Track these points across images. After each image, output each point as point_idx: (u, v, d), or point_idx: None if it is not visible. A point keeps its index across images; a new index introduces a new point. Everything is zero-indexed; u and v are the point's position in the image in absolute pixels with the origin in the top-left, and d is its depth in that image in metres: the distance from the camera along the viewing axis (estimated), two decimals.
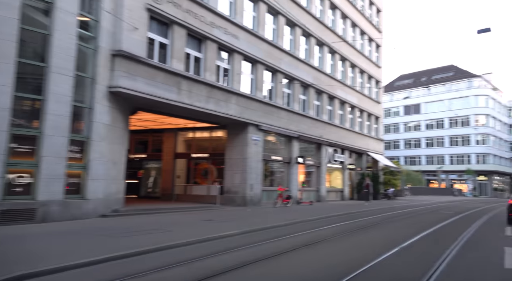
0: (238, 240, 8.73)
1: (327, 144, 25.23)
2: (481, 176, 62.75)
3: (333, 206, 20.04)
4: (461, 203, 31.43)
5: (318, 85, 24.04)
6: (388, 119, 73.63)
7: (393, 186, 32.92)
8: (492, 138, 63.14)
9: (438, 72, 70.35)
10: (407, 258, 7.38)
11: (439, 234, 10.78)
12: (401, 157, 70.83)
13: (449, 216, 16.88)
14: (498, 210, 22.20)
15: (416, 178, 55.33)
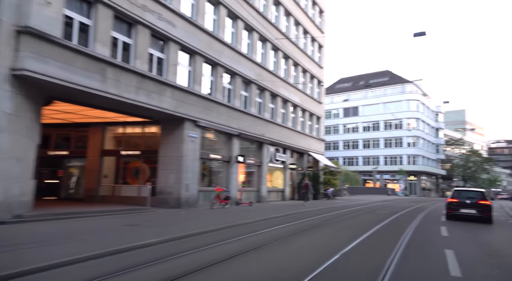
0: (162, 250, 7.48)
1: (268, 143, 24.56)
2: (412, 176, 66.60)
3: (273, 207, 19.32)
4: (395, 202, 32.53)
5: (260, 81, 23.27)
6: (329, 121, 75.63)
7: (333, 186, 33.26)
8: (422, 140, 67.28)
9: (375, 77, 73.61)
10: (350, 266, 6.63)
11: (379, 237, 10.34)
12: (340, 158, 73.03)
13: (386, 216, 16.87)
14: (429, 210, 22.96)
15: (353, 178, 57.17)
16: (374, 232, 10.90)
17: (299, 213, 16.53)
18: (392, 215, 17.36)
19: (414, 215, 17.95)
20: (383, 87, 70.12)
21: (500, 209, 25.30)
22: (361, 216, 17.18)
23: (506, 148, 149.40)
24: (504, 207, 26.83)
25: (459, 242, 9.68)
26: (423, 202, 33.60)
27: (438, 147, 74.81)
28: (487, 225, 14.67)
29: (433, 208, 24.30)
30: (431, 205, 28.24)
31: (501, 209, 25.79)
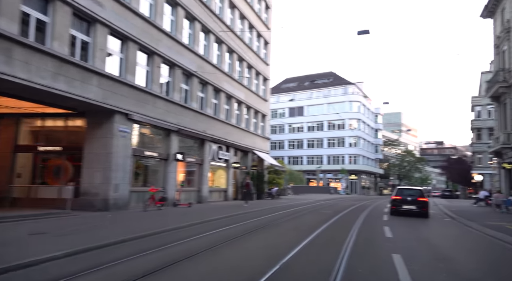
0: (61, 267, 5.98)
1: (211, 140, 23.26)
2: (353, 175, 68.65)
3: (214, 208, 18.08)
4: (337, 201, 32.74)
5: (202, 75, 21.91)
6: (275, 120, 75.68)
7: (277, 185, 32.72)
8: (362, 141, 69.61)
9: (319, 78, 74.95)
10: (294, 277, 5.64)
11: (324, 239, 9.55)
12: (285, 157, 73.40)
13: (329, 216, 16.37)
14: (370, 208, 23.05)
15: (298, 177, 57.51)
16: (318, 235, 10.10)
17: (240, 215, 15.47)
18: (336, 215, 16.91)
19: (357, 214, 17.67)
20: (327, 88, 71.57)
21: (435, 207, 26.21)
22: (304, 216, 16.53)
23: (436, 149, 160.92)
24: (438, 205, 27.90)
25: (404, 245, 9.15)
26: (364, 201, 34.22)
27: (377, 147, 77.94)
28: (426, 224, 14.67)
29: (374, 207, 24.52)
30: (371, 204, 28.68)
31: (435, 206, 26.74)
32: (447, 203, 32.32)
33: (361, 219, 15.11)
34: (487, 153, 52.81)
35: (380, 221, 14.58)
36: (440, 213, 20.96)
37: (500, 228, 12.54)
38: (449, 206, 26.54)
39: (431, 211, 21.89)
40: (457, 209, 22.48)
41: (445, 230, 13.12)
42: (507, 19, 23.54)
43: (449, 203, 32.48)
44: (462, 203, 31.93)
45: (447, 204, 30.02)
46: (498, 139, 24.79)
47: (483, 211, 21.21)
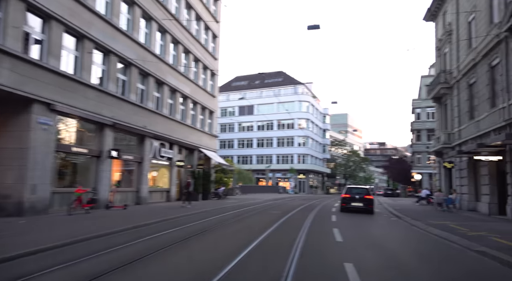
0: None
1: (152, 137, 21.46)
2: (301, 175, 69.19)
3: (152, 210, 16.43)
4: (286, 200, 32.19)
5: (143, 65, 20.09)
6: (224, 119, 74.37)
7: (225, 184, 31.46)
8: (311, 140, 70.41)
9: (270, 77, 74.73)
10: None
11: (269, 247, 8.47)
12: (235, 156, 72.34)
13: (277, 216, 15.45)
14: (318, 208, 22.58)
15: (247, 176, 56.63)
16: (264, 239, 9.03)
17: (180, 218, 14.03)
18: (284, 215, 16.04)
19: (305, 214, 16.95)
20: (277, 87, 71.55)
21: (380, 206, 26.46)
22: (251, 217, 15.47)
23: (378, 149, 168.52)
24: (383, 204, 28.24)
25: (355, 251, 8.34)
26: (312, 200, 34.03)
27: (324, 147, 79.36)
28: (375, 224, 14.26)
29: (322, 206, 24.12)
30: (319, 203, 28.41)
31: (380, 205, 27.00)
32: (391, 201, 33.02)
33: (310, 220, 14.33)
34: (426, 153, 55.49)
35: (329, 223, 13.89)
36: (386, 212, 20.92)
37: (444, 227, 12.31)
38: (393, 204, 26.90)
39: (378, 210, 21.96)
40: (402, 208, 22.67)
41: (393, 231, 12.67)
42: (449, 22, 24.21)
43: (392, 201, 33.20)
44: (405, 202, 32.77)
45: (391, 202, 30.58)
46: (439, 139, 25.48)
47: (425, 210, 21.51)
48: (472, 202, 20.65)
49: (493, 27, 17.09)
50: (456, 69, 22.87)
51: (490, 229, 11.84)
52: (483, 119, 18.57)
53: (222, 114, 75.12)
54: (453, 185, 23.42)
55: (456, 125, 22.69)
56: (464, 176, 21.32)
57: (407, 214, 18.31)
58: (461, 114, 22.00)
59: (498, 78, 17.09)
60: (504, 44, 16.06)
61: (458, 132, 22.38)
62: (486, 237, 10.16)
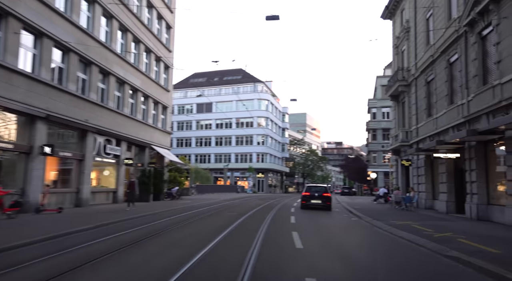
0: None
1: (95, 132, 19.36)
2: (260, 174, 68.38)
3: (90, 214, 14.50)
4: (244, 200, 30.97)
5: (84, 52, 17.99)
6: (182, 117, 71.99)
7: (179, 184, 29.66)
8: (270, 139, 69.78)
9: (229, 74, 73.28)
10: None
11: (216, 259, 7.12)
12: (193, 155, 70.22)
13: (232, 219, 14.13)
14: (277, 208, 21.56)
15: (204, 176, 54.81)
16: (213, 248, 7.67)
17: (119, 222, 12.32)
18: (239, 218, 14.75)
19: (262, 216, 15.77)
20: (237, 85, 70.25)
21: (339, 205, 25.96)
22: (203, 220, 14.04)
23: (335, 148, 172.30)
24: (341, 202, 27.82)
25: (318, 261, 7.22)
26: (270, 199, 33.08)
27: (283, 146, 79.11)
28: (336, 226, 13.37)
29: (280, 206, 23.13)
30: (278, 203, 27.46)
31: (339, 204, 26.51)
32: (348, 200, 32.78)
33: (267, 223, 13.14)
34: (382, 152, 56.58)
35: (287, 225, 12.78)
36: (345, 211, 20.26)
37: (408, 228, 11.61)
38: (352, 203, 26.48)
39: (337, 209, 21.33)
40: (361, 207, 22.17)
41: (357, 234, 11.76)
42: (407, 19, 24.08)
43: (350, 200, 32.99)
44: (363, 200, 32.65)
45: (349, 201, 30.27)
46: (397, 137, 25.36)
47: (384, 208, 21.13)
48: (429, 200, 20.49)
49: (452, 22, 16.83)
50: (414, 66, 22.73)
51: (454, 230, 11.25)
52: (441, 116, 18.35)
53: (179, 111, 72.69)
54: (411, 183, 23.30)
55: (414, 123, 22.54)
56: (421, 174, 21.16)
57: (367, 213, 17.69)
58: (419, 112, 21.84)
59: (456, 74, 16.86)
60: (463, 39, 15.78)
61: (416, 130, 22.23)
62: (453, 239, 9.46)
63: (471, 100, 14.95)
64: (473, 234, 10.32)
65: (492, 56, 13.65)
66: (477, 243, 8.75)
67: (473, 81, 14.93)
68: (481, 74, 14.50)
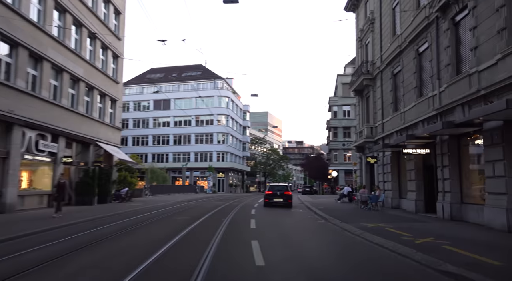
0: None
1: (24, 125, 16.52)
2: (220, 173, 66.23)
3: (8, 222, 11.86)
4: (201, 201, 28.85)
5: (8, 30, 15.16)
6: (138, 113, 68.36)
7: (129, 185, 26.97)
8: (231, 137, 67.81)
9: (188, 70, 70.47)
10: None
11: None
12: (149, 154, 66.82)
13: (183, 225, 12.09)
14: (236, 210, 19.72)
15: (161, 175, 51.83)
16: (149, 269, 5.66)
17: (42, 233, 9.92)
18: (191, 223, 12.74)
19: (219, 221, 13.87)
20: (196, 81, 67.59)
21: (302, 205, 24.59)
22: (146, 227, 11.88)
23: (296, 148, 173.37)
24: (304, 202, 26.47)
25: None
26: (230, 200, 31.19)
27: (244, 145, 77.43)
28: (302, 231, 11.76)
29: (240, 208, 21.31)
30: (238, 203, 25.64)
31: (302, 204, 25.15)
32: (311, 199, 31.56)
33: (223, 229, 11.25)
34: (342, 151, 56.40)
35: (246, 232, 10.95)
36: (310, 212, 18.81)
37: (382, 232, 10.19)
38: (315, 203, 25.17)
39: (301, 210, 19.87)
40: (325, 207, 20.83)
41: (326, 241, 10.13)
42: (371, 10, 23.09)
43: (313, 199, 31.79)
44: (325, 199, 31.55)
45: (312, 200, 29.02)
46: (361, 133, 24.34)
47: (350, 208, 19.91)
48: (396, 199, 19.51)
49: (422, 9, 15.77)
50: (379, 59, 21.71)
51: (433, 234, 9.93)
52: (409, 110, 17.32)
53: (135, 108, 68.94)
54: (376, 182, 22.32)
55: (380, 118, 21.54)
56: (387, 172, 20.16)
57: (333, 214, 16.27)
58: (385, 106, 20.85)
59: (426, 64, 15.82)
60: (434, 26, 14.71)
61: (382, 125, 21.22)
62: (438, 246, 8.06)
63: (444, 91, 13.89)
64: (458, 239, 9.01)
65: (468, 43, 12.59)
66: (469, 252, 7.37)
67: (446, 70, 13.87)
68: (455, 63, 13.44)
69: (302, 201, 28.62)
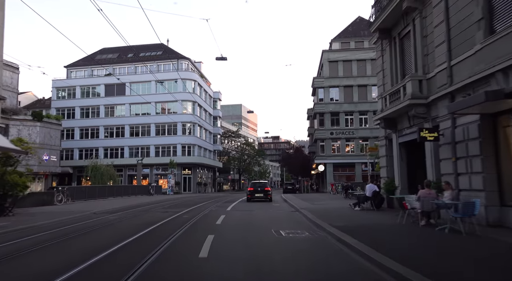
0: None
1: None
2: (186, 170, 55.53)
3: None
4: (135, 212, 18.27)
5: None
6: (87, 100, 56.44)
7: (12, 188, 15.84)
8: (199, 128, 57.13)
9: (147, 50, 59.03)
10: None
11: None
12: (101, 149, 55.19)
13: None
14: (177, 236, 9.32)
15: (107, 173, 40.39)
16: None
17: None
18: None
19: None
20: (156, 62, 56.36)
21: (296, 214, 14.73)
22: None
23: (272, 143, 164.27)
24: (300, 210, 16.47)
25: None
26: (189, 206, 20.87)
27: (215, 138, 66.90)
28: None
29: (193, 225, 10.99)
30: (198, 212, 15.39)
31: (299, 215, 15.22)
32: (305, 203, 21.33)
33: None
34: (330, 140, 46.93)
35: None
36: (327, 239, 8.68)
37: None
38: (318, 210, 15.06)
39: (307, 233, 9.85)
40: (347, 224, 10.78)
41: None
42: None
43: (307, 202, 21.52)
44: (327, 203, 21.43)
45: (310, 205, 18.84)
46: (395, 96, 14.32)
47: (403, 231, 9.93)
48: (494, 208, 9.66)
49: None
50: None
51: None
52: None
53: (83, 94, 56.98)
54: (430, 175, 12.48)
55: (443, 59, 11.58)
56: (473, 155, 10.23)
57: (393, 251, 6.25)
58: (457, 35, 10.93)
59: None
60: None
61: (448, 71, 11.26)
62: None
63: None
64: None
65: None
66: None
67: None
68: None
69: (294, 205, 18.62)
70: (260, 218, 13.81)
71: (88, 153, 54.79)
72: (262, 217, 14.20)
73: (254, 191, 23.65)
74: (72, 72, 58.35)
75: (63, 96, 57.35)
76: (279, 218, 13.96)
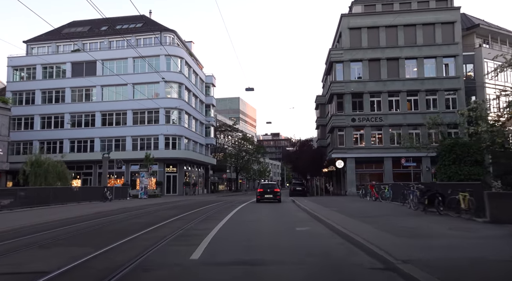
0: None
1: None
2: (171, 167, 44.94)
3: None
4: (73, 232, 7.65)
5: None
6: (50, 82, 45.68)
7: None
8: (186, 116, 46.55)
9: (124, 22, 48.34)
10: None
11: None
12: (66, 140, 44.42)
13: None
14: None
15: (56, 171, 29.62)
16: None
17: None
18: None
19: None
20: (135, 35, 45.75)
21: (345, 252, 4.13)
22: None
23: (272, 140, 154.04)
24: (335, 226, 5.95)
25: None
26: (157, 222, 10.28)
27: (208, 129, 56.33)
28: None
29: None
30: (155, 242, 4.93)
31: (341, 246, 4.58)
32: (369, 226, 10.76)
33: None
34: (352, 129, 36.53)
35: None
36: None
37: None
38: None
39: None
40: None
41: None
42: None
43: (394, 236, 10.94)
44: (422, 228, 10.87)
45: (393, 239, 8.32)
46: None
47: None
48: None
49: None
50: None
51: None
52: None
53: (45, 74, 46.29)
54: None
55: None
56: None
57: None
58: None
59: None
60: None
61: None
62: None
63: None
64: None
65: None
66: None
67: None
68: None
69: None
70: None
71: (51, 146, 44.23)
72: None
73: (264, 192, 24.61)
74: (33, 49, 47.70)
75: (21, 77, 46.69)
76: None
